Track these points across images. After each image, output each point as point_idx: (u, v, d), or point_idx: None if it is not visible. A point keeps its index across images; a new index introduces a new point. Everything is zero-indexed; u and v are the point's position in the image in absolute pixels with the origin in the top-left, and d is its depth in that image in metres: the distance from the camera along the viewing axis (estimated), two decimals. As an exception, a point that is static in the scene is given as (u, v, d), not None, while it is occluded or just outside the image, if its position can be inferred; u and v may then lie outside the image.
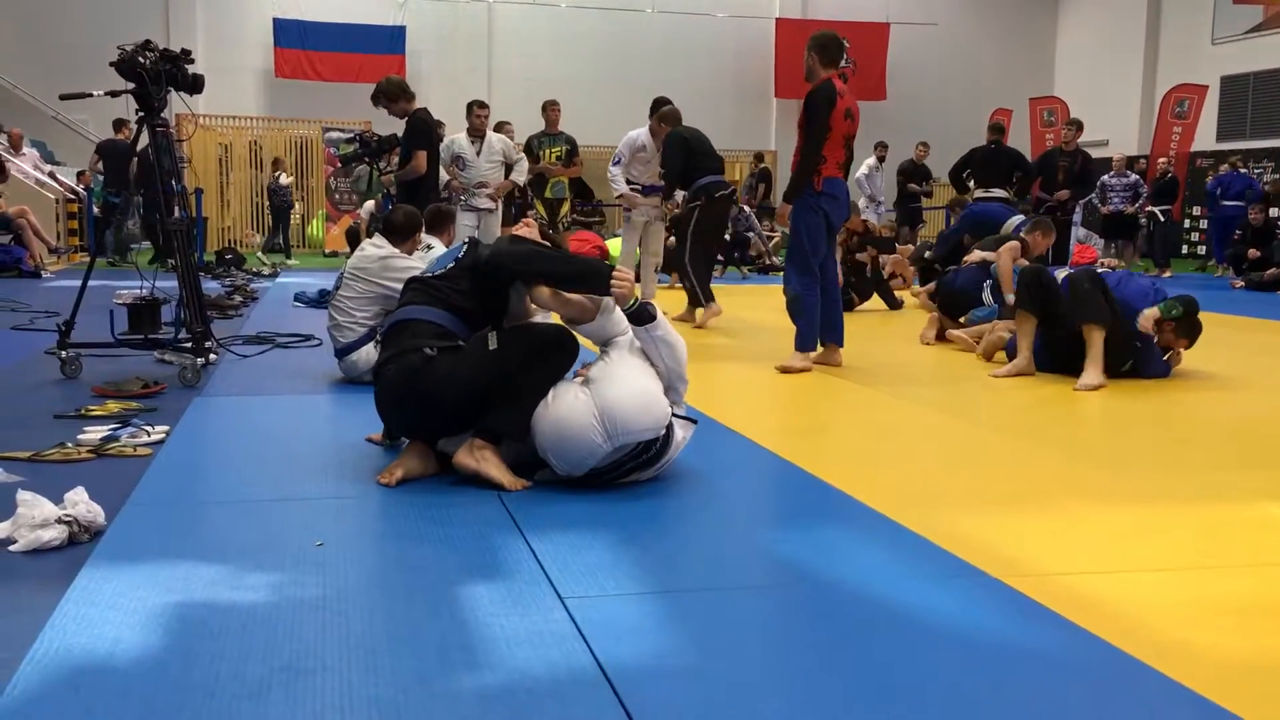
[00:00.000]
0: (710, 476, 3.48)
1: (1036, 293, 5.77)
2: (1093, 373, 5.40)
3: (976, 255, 7.41)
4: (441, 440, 3.34)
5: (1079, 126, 11.34)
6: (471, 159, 8.91)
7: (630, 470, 3.18)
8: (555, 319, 3.43)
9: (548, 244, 3.59)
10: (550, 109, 10.14)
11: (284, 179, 16.19)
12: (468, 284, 3.35)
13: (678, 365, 3.32)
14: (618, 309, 3.27)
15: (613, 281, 3.20)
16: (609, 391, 3.10)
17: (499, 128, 10.15)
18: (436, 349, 3.19)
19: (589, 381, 3.19)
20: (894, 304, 9.67)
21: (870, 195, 14.83)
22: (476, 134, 8.95)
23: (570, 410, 3.09)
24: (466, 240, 3.53)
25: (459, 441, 3.25)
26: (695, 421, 3.42)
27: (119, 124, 13.39)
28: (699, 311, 7.95)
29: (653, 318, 3.24)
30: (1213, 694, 1.91)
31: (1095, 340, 5.43)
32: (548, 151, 10.06)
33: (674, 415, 3.25)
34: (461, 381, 3.15)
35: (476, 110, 8.99)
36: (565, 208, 10.41)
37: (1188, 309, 5.51)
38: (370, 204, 13.12)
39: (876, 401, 5.11)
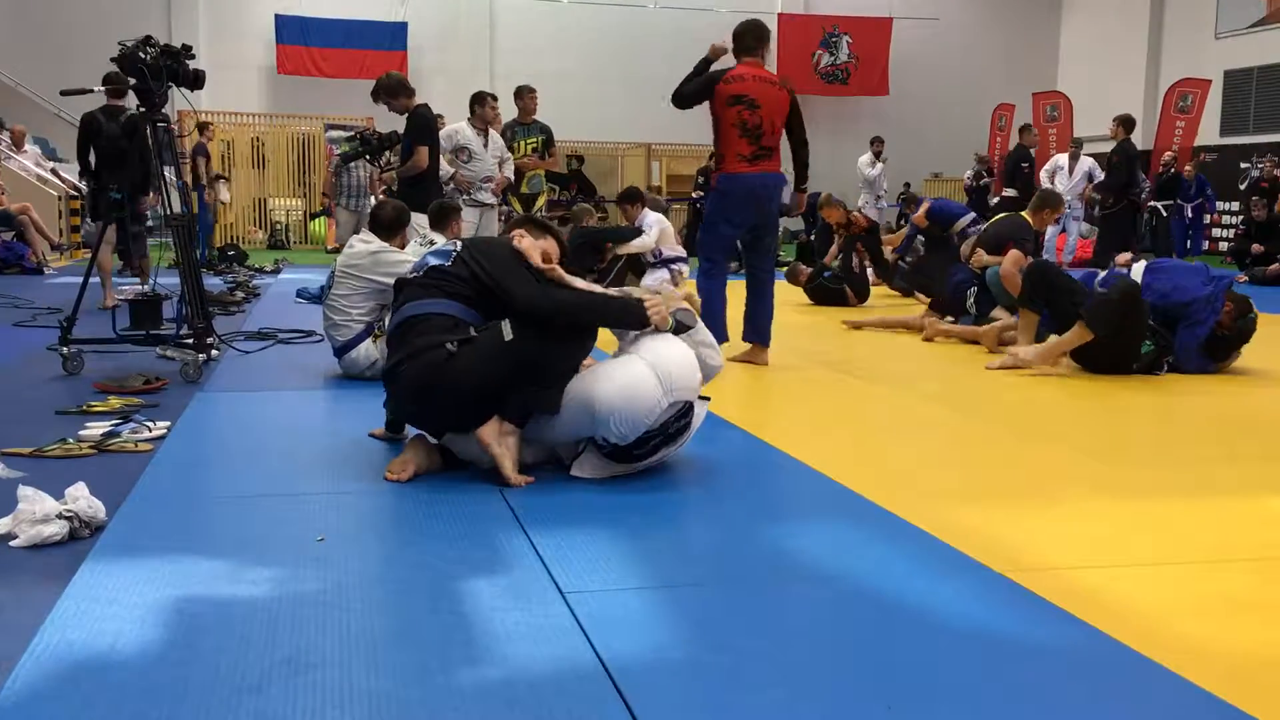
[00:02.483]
0: (712, 471, 3.48)
1: (1041, 291, 5.79)
2: (1037, 353, 5.64)
3: (983, 259, 7.15)
4: (447, 436, 3.34)
5: (1125, 124, 11.48)
6: (479, 152, 8.62)
7: (669, 436, 3.25)
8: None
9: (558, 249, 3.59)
10: (526, 96, 9.56)
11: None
12: (467, 274, 3.32)
13: (715, 362, 3.59)
14: None
15: (649, 312, 3.34)
16: (660, 353, 3.25)
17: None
18: (456, 343, 3.18)
19: (635, 351, 3.31)
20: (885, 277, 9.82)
21: (873, 191, 14.85)
22: (483, 126, 8.53)
23: (634, 374, 3.19)
24: (455, 247, 3.48)
25: (465, 440, 3.25)
26: (709, 399, 3.49)
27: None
28: None
29: (690, 326, 3.45)
30: (1217, 689, 1.90)
31: (1075, 332, 5.51)
32: (522, 143, 9.49)
33: None
34: (481, 375, 3.14)
35: (491, 103, 8.60)
36: (541, 201, 10.07)
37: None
38: (374, 200, 13.09)
39: (877, 396, 5.10)
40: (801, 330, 7.92)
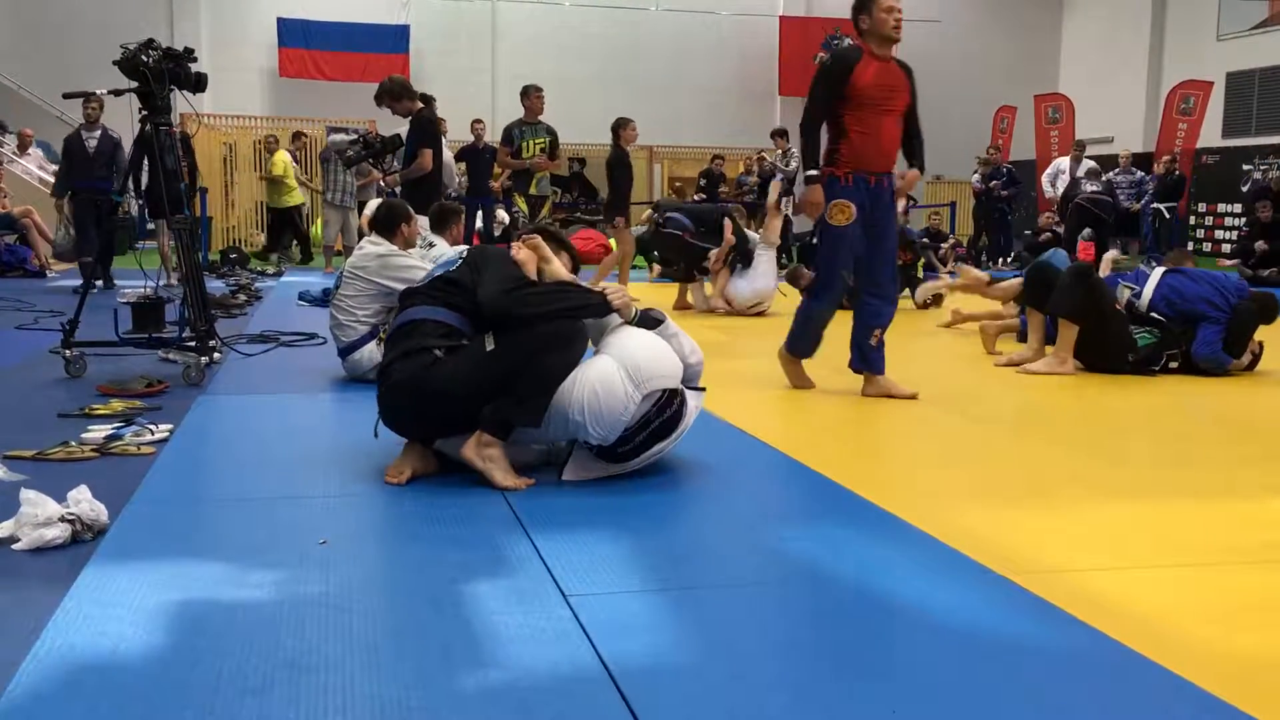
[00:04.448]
0: (715, 473, 3.47)
1: (1041, 290, 5.86)
2: (1046, 361, 5.69)
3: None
4: (439, 440, 3.34)
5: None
6: (451, 163, 8.44)
7: (655, 432, 3.22)
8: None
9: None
10: (533, 96, 9.37)
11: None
12: (468, 281, 3.33)
13: (696, 358, 3.49)
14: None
15: (610, 300, 3.32)
16: (624, 347, 3.25)
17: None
18: (444, 349, 3.19)
19: (602, 350, 3.31)
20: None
21: None
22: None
23: (600, 372, 3.19)
24: (463, 253, 3.51)
25: (457, 443, 3.25)
26: (704, 389, 3.50)
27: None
28: None
29: (659, 322, 3.39)
30: (1220, 690, 1.90)
31: (1061, 329, 5.67)
32: (530, 143, 9.37)
33: (686, 387, 3.36)
34: (462, 383, 3.15)
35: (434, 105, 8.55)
36: (547, 207, 9.84)
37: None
38: (374, 204, 13.05)
39: (875, 399, 5.08)
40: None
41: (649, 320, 3.37)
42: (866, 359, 4.90)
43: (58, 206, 11.11)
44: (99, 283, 9.43)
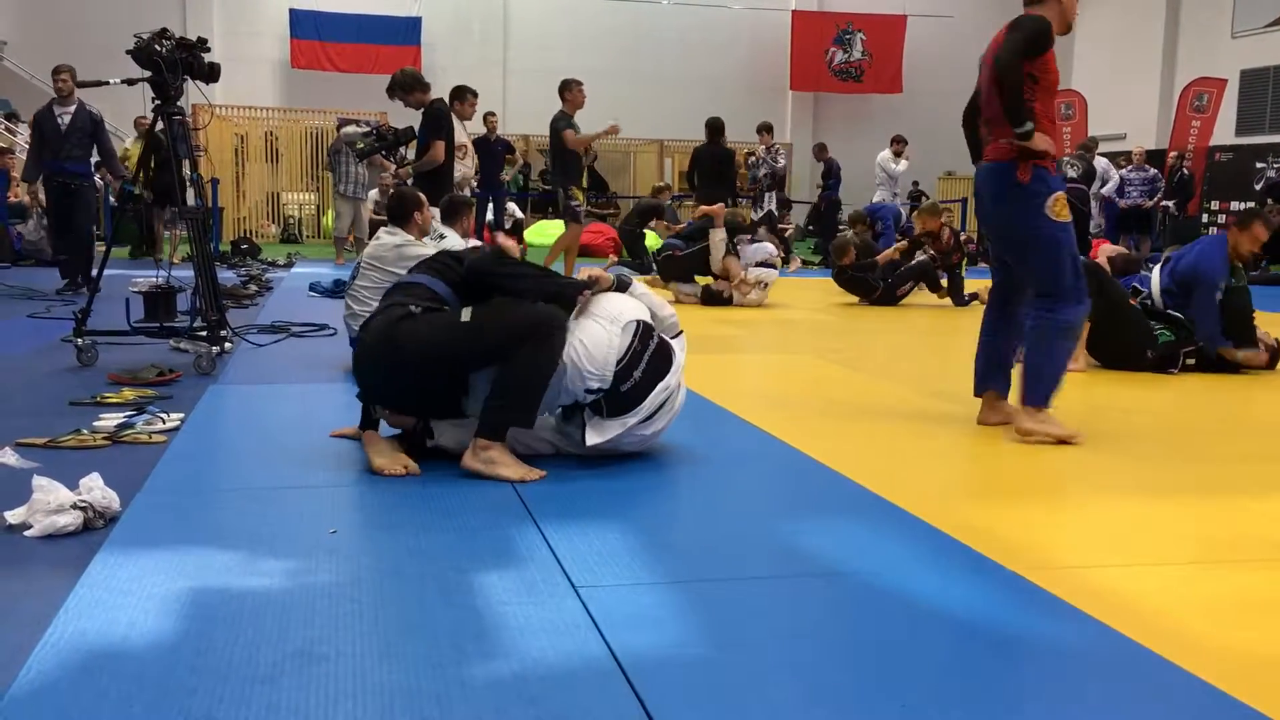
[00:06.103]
0: (725, 467, 3.47)
1: None
2: None
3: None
4: (439, 434, 3.37)
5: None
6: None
7: (649, 369, 3.31)
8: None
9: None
10: (575, 89, 9.50)
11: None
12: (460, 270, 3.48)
13: (667, 312, 3.68)
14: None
15: (591, 280, 3.49)
16: (594, 304, 3.44)
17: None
18: (421, 308, 3.27)
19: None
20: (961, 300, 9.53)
21: (890, 189, 14.84)
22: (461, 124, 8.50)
23: (578, 329, 3.32)
24: (472, 247, 3.69)
25: (455, 432, 3.30)
26: (682, 331, 3.69)
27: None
28: None
29: (628, 284, 3.60)
30: (1229, 687, 1.89)
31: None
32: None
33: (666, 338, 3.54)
34: (430, 344, 3.20)
35: (471, 99, 8.68)
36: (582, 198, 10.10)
37: None
38: (375, 192, 13.03)
39: (889, 394, 5.08)
40: (815, 327, 7.92)
41: (622, 286, 3.56)
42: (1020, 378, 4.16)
43: (30, 193, 9.94)
44: (79, 283, 8.34)
